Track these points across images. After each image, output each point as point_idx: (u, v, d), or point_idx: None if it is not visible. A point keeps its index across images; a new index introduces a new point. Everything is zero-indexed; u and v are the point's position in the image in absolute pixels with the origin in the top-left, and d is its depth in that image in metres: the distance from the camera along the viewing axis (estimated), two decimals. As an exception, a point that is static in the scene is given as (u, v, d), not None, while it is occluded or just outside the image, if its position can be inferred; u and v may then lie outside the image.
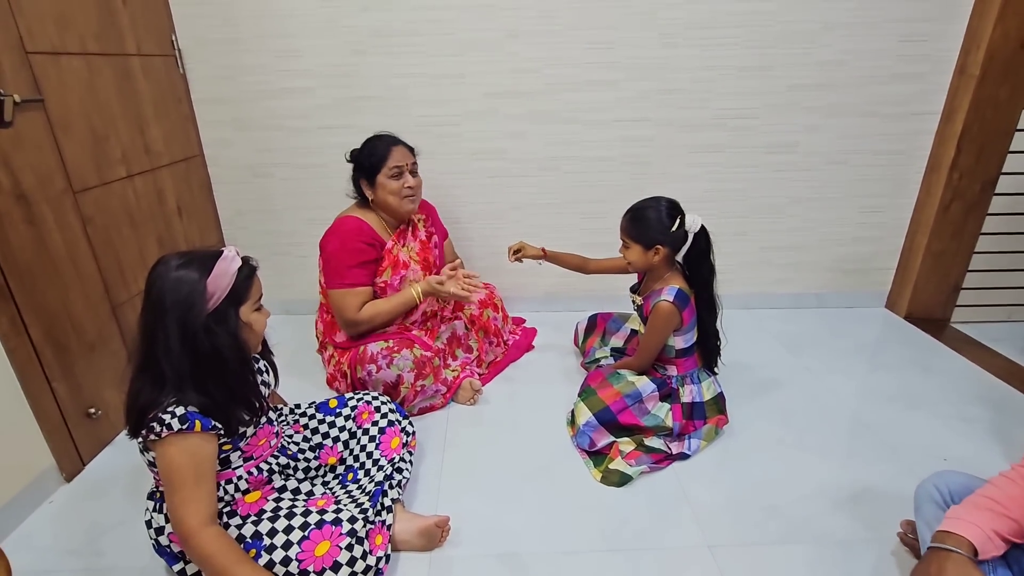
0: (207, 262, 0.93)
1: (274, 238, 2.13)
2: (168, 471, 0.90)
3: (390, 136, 1.62)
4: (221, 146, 1.99)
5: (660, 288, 1.41)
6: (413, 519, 1.16)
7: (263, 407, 1.04)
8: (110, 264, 1.49)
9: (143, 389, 0.92)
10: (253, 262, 1.01)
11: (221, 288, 0.93)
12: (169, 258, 0.94)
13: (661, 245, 1.37)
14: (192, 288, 0.91)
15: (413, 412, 1.58)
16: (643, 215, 1.39)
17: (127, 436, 0.95)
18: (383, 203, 1.60)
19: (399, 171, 1.57)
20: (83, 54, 1.41)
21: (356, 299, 1.56)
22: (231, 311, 0.95)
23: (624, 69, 1.91)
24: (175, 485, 0.90)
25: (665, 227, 1.36)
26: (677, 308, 1.38)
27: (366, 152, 1.58)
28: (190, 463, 0.90)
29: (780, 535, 1.19)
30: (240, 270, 0.96)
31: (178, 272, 0.92)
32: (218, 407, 0.94)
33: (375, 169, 1.56)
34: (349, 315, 1.56)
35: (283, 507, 1.03)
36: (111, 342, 1.49)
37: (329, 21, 1.83)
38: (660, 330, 1.42)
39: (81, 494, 1.33)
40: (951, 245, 2.08)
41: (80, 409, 1.39)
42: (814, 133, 2.02)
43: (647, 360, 1.47)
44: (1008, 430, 1.53)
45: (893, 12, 1.86)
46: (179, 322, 0.90)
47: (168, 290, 0.91)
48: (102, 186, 1.47)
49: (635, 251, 1.41)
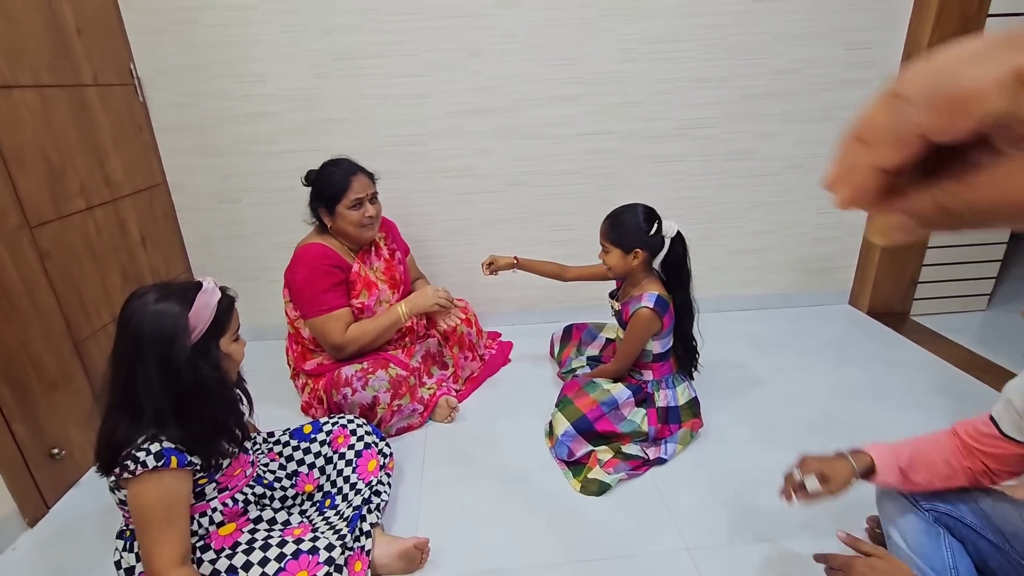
0: (187, 295, 0.93)
1: (243, 264, 2.10)
2: (139, 510, 0.88)
3: (348, 163, 1.58)
4: (185, 173, 1.97)
5: (639, 294, 1.44)
6: (392, 542, 1.15)
7: (245, 437, 1.03)
8: (71, 299, 1.46)
9: (118, 426, 0.90)
10: (231, 292, 1.01)
11: (203, 321, 0.93)
12: (145, 291, 0.92)
13: (640, 249, 1.40)
14: (174, 322, 0.90)
15: (391, 433, 1.57)
16: (621, 220, 1.42)
17: (97, 474, 0.93)
18: (342, 231, 1.59)
19: (359, 202, 1.55)
20: (36, 87, 1.39)
21: (338, 323, 1.54)
22: (212, 343, 0.95)
23: (585, 84, 1.95)
24: (146, 525, 0.88)
25: (643, 231, 1.39)
26: (657, 314, 1.41)
27: (325, 181, 1.55)
28: (162, 502, 0.88)
29: (756, 534, 1.22)
30: (220, 302, 0.96)
31: (158, 306, 0.90)
32: (198, 441, 0.93)
33: (335, 200, 1.54)
34: (335, 339, 1.54)
35: (258, 538, 1.02)
36: (74, 379, 1.45)
37: (291, 45, 1.84)
38: (639, 336, 1.44)
39: (45, 539, 1.28)
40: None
41: (43, 450, 1.34)
42: (771, 140, 2.09)
43: (625, 365, 1.50)
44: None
45: (838, 22, 1.95)
46: (160, 357, 0.89)
47: (147, 324, 0.89)
48: (60, 219, 1.44)
49: (615, 255, 1.43)
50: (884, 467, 0.93)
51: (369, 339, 1.57)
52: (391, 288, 1.69)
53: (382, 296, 1.65)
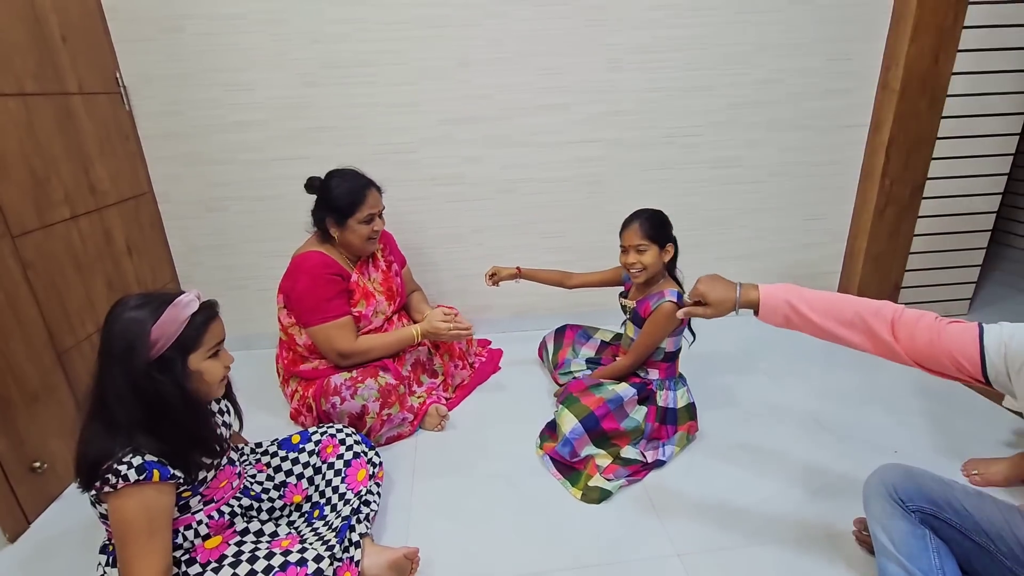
0: (161, 306, 0.90)
1: (231, 272, 2.09)
2: (120, 524, 0.86)
3: (363, 177, 1.58)
4: (172, 182, 1.95)
5: (661, 291, 1.48)
6: (382, 552, 1.13)
7: (223, 450, 1.01)
8: (54, 309, 1.44)
9: (95, 438, 0.88)
10: (216, 308, 0.98)
11: (167, 335, 0.90)
12: (128, 299, 0.91)
13: (671, 243, 1.48)
14: (138, 331, 0.88)
15: (380, 442, 1.56)
16: (658, 218, 1.49)
17: (78, 488, 0.91)
18: (346, 243, 1.59)
19: (371, 217, 1.57)
20: (20, 95, 1.38)
21: (344, 330, 1.54)
22: (177, 359, 0.91)
23: (573, 93, 1.97)
24: (127, 539, 0.86)
25: (671, 227, 1.48)
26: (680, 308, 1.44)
27: (339, 192, 1.54)
28: (143, 516, 0.87)
29: (746, 538, 1.22)
30: (194, 316, 0.93)
31: (130, 314, 0.89)
32: (176, 453, 0.91)
33: (348, 212, 1.54)
34: (343, 346, 1.53)
35: (245, 551, 1.00)
36: (57, 391, 1.42)
37: (279, 54, 1.84)
38: (660, 329, 1.46)
39: (26, 555, 1.25)
40: (888, 247, 2.21)
41: (23, 464, 1.31)
42: (756, 147, 2.12)
43: (640, 358, 1.51)
44: (952, 421, 1.62)
45: (818, 33, 1.99)
46: (123, 367, 0.87)
47: (116, 332, 0.88)
48: (43, 228, 1.42)
49: (652, 252, 1.46)
50: (768, 298, 0.96)
51: (378, 353, 1.58)
52: (388, 300, 1.69)
53: (379, 307, 1.65)
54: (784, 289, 0.98)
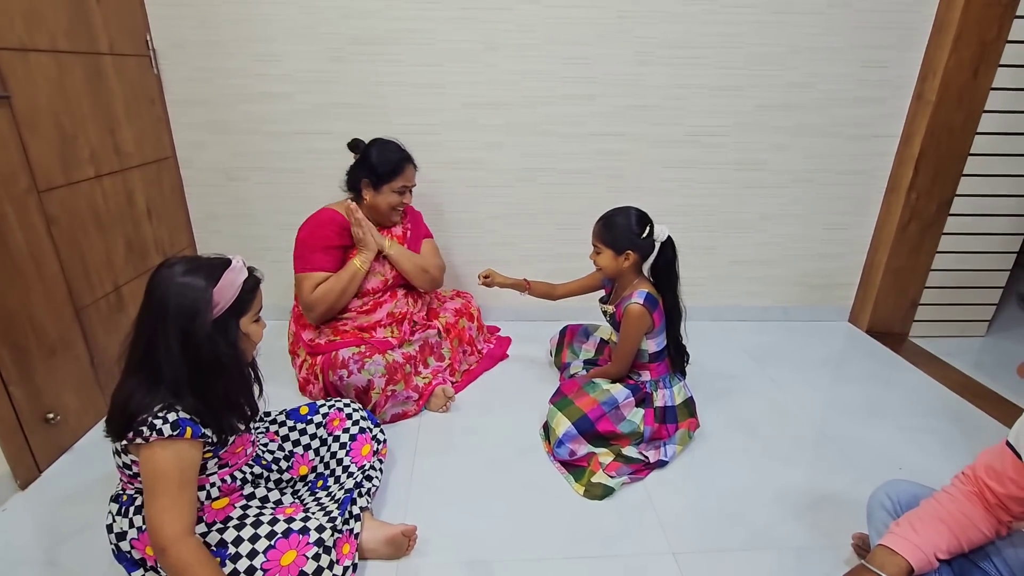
0: (214, 271, 0.94)
1: (247, 243, 2.10)
2: (152, 476, 0.88)
3: (405, 151, 1.67)
4: (195, 149, 1.97)
5: (630, 293, 1.45)
6: (380, 527, 1.15)
7: (254, 414, 1.04)
8: (74, 266, 1.46)
9: (136, 391, 0.90)
10: (258, 274, 1.02)
11: (226, 299, 0.94)
12: (174, 262, 0.94)
13: (631, 251, 1.42)
14: (198, 296, 0.91)
15: (385, 419, 1.58)
16: (614, 221, 1.44)
17: (106, 436, 0.93)
18: (375, 207, 1.66)
19: (404, 189, 1.66)
20: (53, 51, 1.39)
21: (311, 281, 1.60)
22: (232, 321, 0.96)
23: (600, 84, 1.95)
24: (158, 491, 0.88)
25: (635, 234, 1.41)
26: (647, 309, 1.42)
27: (382, 158, 1.63)
28: (176, 467, 0.89)
29: (742, 542, 1.22)
30: (245, 281, 0.97)
31: (184, 278, 0.91)
32: (212, 413, 0.94)
33: (385, 179, 1.63)
34: (304, 297, 1.60)
35: (250, 514, 1.02)
36: (74, 346, 1.45)
37: (309, 28, 1.83)
38: (634, 332, 1.45)
39: (36, 502, 1.28)
40: (909, 262, 2.17)
41: (38, 414, 1.34)
42: (782, 152, 2.09)
43: (624, 365, 1.50)
44: (961, 441, 1.60)
45: (855, 39, 1.94)
46: (181, 328, 0.89)
47: (172, 295, 0.90)
48: (68, 186, 1.44)
49: (606, 256, 1.45)
50: (920, 568, 0.83)
51: (335, 296, 1.60)
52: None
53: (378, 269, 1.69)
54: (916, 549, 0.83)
